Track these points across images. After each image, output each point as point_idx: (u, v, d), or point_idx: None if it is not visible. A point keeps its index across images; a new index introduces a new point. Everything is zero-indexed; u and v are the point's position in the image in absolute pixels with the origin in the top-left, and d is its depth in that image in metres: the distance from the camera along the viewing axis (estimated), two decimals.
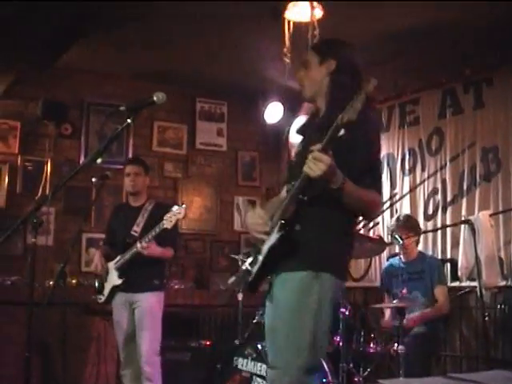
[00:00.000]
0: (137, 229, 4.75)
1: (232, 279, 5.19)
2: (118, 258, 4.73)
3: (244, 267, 2.79)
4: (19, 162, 6.25)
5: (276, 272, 2.66)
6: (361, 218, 2.83)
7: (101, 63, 6.38)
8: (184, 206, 4.61)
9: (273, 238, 2.58)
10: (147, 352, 4.63)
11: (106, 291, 4.78)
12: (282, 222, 2.55)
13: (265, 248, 2.63)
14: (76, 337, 5.53)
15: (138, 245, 4.56)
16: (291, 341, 2.53)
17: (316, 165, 2.34)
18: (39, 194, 5.99)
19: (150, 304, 4.69)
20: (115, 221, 5.06)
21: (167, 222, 4.46)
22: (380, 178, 2.74)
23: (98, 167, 5.35)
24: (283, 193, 2.83)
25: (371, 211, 2.68)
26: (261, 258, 2.64)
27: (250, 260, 2.77)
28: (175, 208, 4.52)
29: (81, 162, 6.41)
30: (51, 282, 5.60)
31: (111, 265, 4.77)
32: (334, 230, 2.61)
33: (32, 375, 3.03)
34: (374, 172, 2.63)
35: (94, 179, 5.04)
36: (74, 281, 6.16)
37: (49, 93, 6.33)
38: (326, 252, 2.58)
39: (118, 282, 4.70)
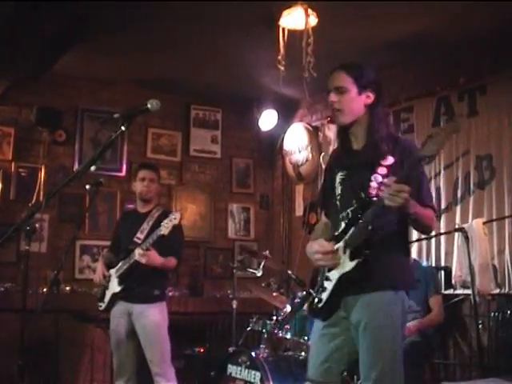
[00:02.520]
0: (140, 235, 4.66)
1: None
2: (119, 264, 4.65)
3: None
4: (13, 168, 6.23)
5: (350, 295, 2.81)
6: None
7: (95, 70, 6.37)
8: (180, 211, 4.54)
9: (345, 265, 2.77)
10: (159, 366, 4.52)
11: (107, 298, 4.69)
12: (352, 250, 2.75)
13: (334, 275, 2.81)
14: (69, 344, 5.51)
15: (136, 252, 4.47)
16: (386, 353, 2.71)
17: (398, 196, 2.54)
18: (33, 201, 5.98)
19: (152, 318, 4.55)
20: (122, 227, 4.97)
21: (164, 228, 4.38)
22: (432, 195, 3.02)
23: (92, 174, 5.33)
24: (323, 218, 3.09)
25: (432, 227, 2.91)
26: (331, 284, 2.83)
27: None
28: (172, 214, 4.48)
29: (75, 168, 6.40)
30: (44, 289, 5.59)
31: (113, 272, 4.69)
32: (399, 251, 2.87)
33: (24, 383, 3.02)
34: (430, 191, 2.95)
35: (87, 186, 4.99)
36: (67, 288, 6.15)
37: (43, 99, 6.33)
38: (399, 272, 2.83)
39: (117, 289, 4.61)
